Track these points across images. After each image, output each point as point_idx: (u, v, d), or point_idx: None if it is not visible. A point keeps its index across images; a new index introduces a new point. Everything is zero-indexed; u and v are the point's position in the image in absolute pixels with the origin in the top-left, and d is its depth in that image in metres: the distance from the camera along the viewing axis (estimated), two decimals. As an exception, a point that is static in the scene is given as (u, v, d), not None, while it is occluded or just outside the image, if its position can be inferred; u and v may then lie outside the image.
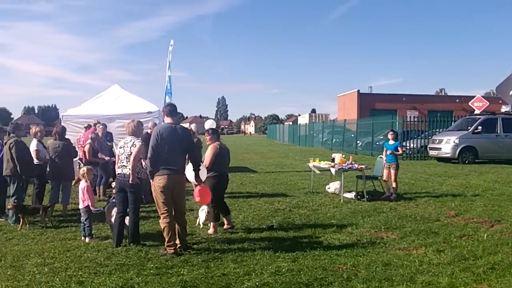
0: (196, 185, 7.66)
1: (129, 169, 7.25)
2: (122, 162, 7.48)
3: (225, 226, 8.60)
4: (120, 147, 7.65)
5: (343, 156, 13.14)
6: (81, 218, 8.03)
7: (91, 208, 7.99)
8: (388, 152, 12.14)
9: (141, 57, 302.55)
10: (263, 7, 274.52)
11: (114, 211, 7.82)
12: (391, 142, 12.39)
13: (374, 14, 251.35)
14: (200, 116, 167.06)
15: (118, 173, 7.57)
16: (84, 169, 8.26)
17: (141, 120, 15.96)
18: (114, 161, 13.90)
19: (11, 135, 9.65)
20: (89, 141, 12.18)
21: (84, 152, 12.15)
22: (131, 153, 7.30)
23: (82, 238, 7.96)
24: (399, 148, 12.36)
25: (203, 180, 7.60)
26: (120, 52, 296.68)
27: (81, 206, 8.04)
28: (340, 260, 6.63)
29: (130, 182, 7.23)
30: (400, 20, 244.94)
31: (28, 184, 9.98)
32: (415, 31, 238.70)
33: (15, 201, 9.19)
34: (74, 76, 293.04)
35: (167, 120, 7.23)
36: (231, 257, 6.75)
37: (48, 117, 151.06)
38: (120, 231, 7.51)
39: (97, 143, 12.43)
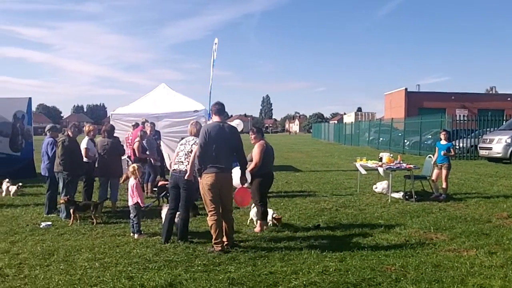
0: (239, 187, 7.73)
1: (186, 165, 7.37)
2: (180, 159, 7.62)
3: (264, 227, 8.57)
4: (181, 144, 7.83)
5: (391, 155, 12.93)
6: (130, 215, 8.19)
7: (140, 204, 8.14)
8: (442, 153, 11.84)
9: (187, 56, 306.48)
10: (309, 4, 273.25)
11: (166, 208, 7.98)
12: (443, 142, 12.10)
13: (421, 11, 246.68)
14: (245, 114, 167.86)
15: (174, 169, 7.71)
16: (134, 166, 8.42)
17: (187, 119, 16.34)
18: (160, 160, 14.25)
19: (66, 133, 9.92)
20: (138, 138, 12.41)
21: (133, 149, 12.39)
22: (191, 150, 7.43)
23: (131, 234, 8.12)
24: (451, 149, 12.06)
25: (249, 180, 7.62)
26: (167, 51, 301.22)
27: (130, 203, 8.20)
28: (388, 261, 6.53)
29: (186, 177, 7.33)
30: (448, 17, 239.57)
31: (78, 181, 10.24)
32: (463, 28, 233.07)
33: (68, 197, 9.46)
34: (122, 75, 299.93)
35: (215, 118, 7.29)
36: (278, 256, 6.75)
37: (96, 115, 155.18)
38: (169, 228, 7.63)
39: (146, 141, 12.64)
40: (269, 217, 8.59)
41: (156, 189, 11.49)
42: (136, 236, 8.01)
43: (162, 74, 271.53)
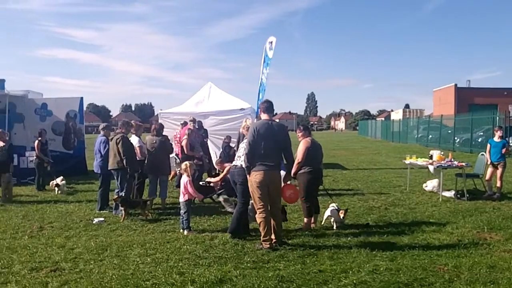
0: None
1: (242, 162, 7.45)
2: (238, 154, 7.76)
3: (312, 225, 8.54)
4: (243, 142, 7.92)
5: (442, 153, 12.63)
6: (181, 211, 8.31)
7: (196, 197, 8.22)
8: (503, 151, 11.46)
9: (232, 55, 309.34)
10: (354, 0, 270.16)
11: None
12: (497, 139, 11.73)
13: (471, 4, 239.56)
14: (290, 112, 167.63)
15: (233, 165, 7.89)
16: (186, 163, 8.54)
17: (234, 116, 16.45)
18: (208, 157, 14.40)
19: (117, 131, 10.15)
20: (186, 136, 12.57)
21: (181, 147, 12.55)
22: None
23: (181, 230, 8.24)
24: (506, 147, 11.66)
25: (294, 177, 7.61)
26: (212, 50, 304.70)
27: (181, 199, 8.33)
28: (440, 261, 6.39)
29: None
30: (499, 10, 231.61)
31: (133, 177, 10.48)
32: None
33: (119, 193, 9.70)
34: (168, 74, 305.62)
35: (264, 116, 7.31)
36: (327, 254, 6.71)
37: (144, 114, 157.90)
38: (239, 222, 7.75)
39: (193, 139, 12.78)
40: (326, 214, 8.54)
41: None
42: (185, 232, 8.12)
43: (207, 72, 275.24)
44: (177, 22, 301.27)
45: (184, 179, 8.34)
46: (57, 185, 13.11)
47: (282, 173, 7.82)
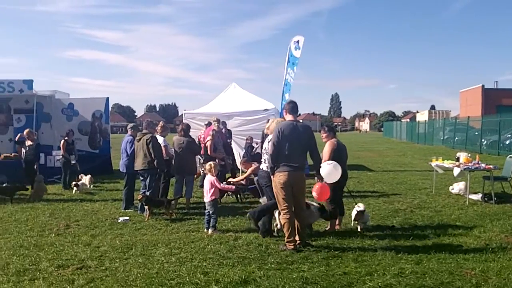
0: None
1: (267, 164, 7.44)
2: (263, 158, 7.77)
3: (336, 226, 8.47)
4: (265, 143, 7.92)
5: (469, 155, 12.42)
6: (206, 211, 8.34)
7: (230, 188, 8.26)
8: None
9: (255, 55, 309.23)
10: (379, 0, 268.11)
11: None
12: None
13: (499, 4, 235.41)
14: (313, 113, 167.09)
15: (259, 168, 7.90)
16: (211, 163, 8.57)
17: (258, 117, 16.46)
18: (231, 158, 14.42)
19: (144, 131, 10.22)
20: (210, 137, 12.63)
21: (205, 147, 12.60)
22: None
23: (205, 230, 8.27)
24: None
25: (324, 178, 7.53)
26: (236, 51, 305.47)
27: (207, 199, 8.36)
28: (467, 265, 6.27)
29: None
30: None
31: (160, 177, 10.57)
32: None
33: (143, 193, 9.78)
34: (192, 75, 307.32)
35: (288, 117, 7.29)
36: (351, 256, 6.65)
37: (168, 114, 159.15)
38: (265, 223, 7.77)
39: (216, 140, 12.81)
40: (353, 215, 8.48)
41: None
42: (210, 231, 8.15)
43: (231, 73, 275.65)
44: (201, 23, 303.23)
45: (210, 178, 8.37)
46: (76, 184, 13.31)
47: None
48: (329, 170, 7.56)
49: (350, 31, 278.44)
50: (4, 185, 12.05)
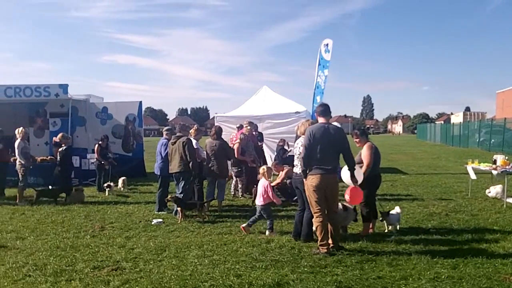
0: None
1: (300, 168, 7.41)
2: (295, 161, 7.71)
3: (369, 230, 8.37)
4: (294, 147, 7.92)
5: (506, 157, 12.12)
6: (256, 215, 8.38)
7: (275, 202, 8.26)
8: None
9: (286, 58, 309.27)
10: (410, 1, 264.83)
11: None
12: None
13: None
14: (345, 115, 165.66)
15: (293, 172, 7.87)
16: (264, 168, 8.59)
17: (289, 120, 16.43)
18: (262, 161, 14.42)
19: (178, 134, 10.30)
20: (238, 140, 12.68)
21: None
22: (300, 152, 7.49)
23: (243, 226, 8.36)
24: None
25: (359, 181, 7.44)
26: (266, 54, 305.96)
27: (259, 202, 8.42)
28: (506, 270, 6.12)
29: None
30: None
31: (194, 180, 10.65)
32: None
33: (175, 195, 9.86)
34: (223, 78, 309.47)
35: (320, 120, 7.25)
36: (385, 260, 6.56)
37: (199, 117, 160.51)
38: (297, 226, 7.74)
39: (245, 144, 12.83)
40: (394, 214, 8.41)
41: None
42: (267, 233, 8.22)
43: (261, 76, 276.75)
44: (231, 26, 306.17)
45: (264, 182, 8.40)
46: (108, 185, 13.53)
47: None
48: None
49: (381, 33, 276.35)
50: (49, 187, 12.36)
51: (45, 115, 18.11)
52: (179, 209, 9.61)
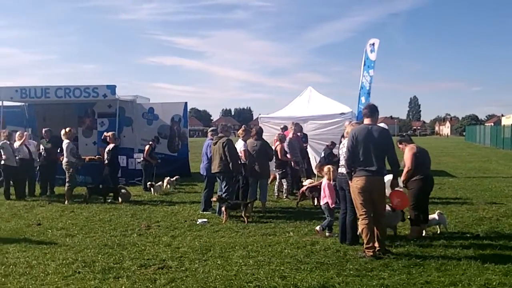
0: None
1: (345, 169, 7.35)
2: (341, 162, 7.65)
3: (418, 234, 8.17)
4: (340, 148, 7.87)
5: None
6: (329, 217, 8.30)
7: (330, 205, 8.22)
8: None
9: (331, 59, 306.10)
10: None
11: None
12: None
13: None
14: (391, 117, 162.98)
15: (338, 172, 7.83)
16: (329, 167, 8.55)
17: (334, 120, 16.27)
18: (306, 162, 14.36)
19: (220, 134, 10.38)
20: (278, 142, 12.66)
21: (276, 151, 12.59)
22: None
23: (326, 234, 8.24)
24: None
25: (400, 185, 7.30)
26: (310, 54, 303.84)
27: (322, 202, 8.41)
28: (561, 278, 5.88)
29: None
30: None
31: (237, 181, 10.70)
32: None
33: (219, 195, 9.92)
34: (267, 79, 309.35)
35: (366, 121, 7.15)
36: (434, 265, 6.40)
37: (243, 118, 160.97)
38: (343, 229, 7.66)
39: (288, 144, 12.76)
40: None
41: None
42: (327, 233, 8.18)
43: (306, 77, 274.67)
44: (276, 27, 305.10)
45: (324, 182, 8.39)
46: (151, 185, 13.74)
47: (387, 177, 7.56)
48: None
49: (429, 32, 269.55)
50: (100, 186, 12.69)
51: (93, 115, 18.53)
52: (223, 209, 9.67)
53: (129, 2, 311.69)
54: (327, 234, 8.14)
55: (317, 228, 8.19)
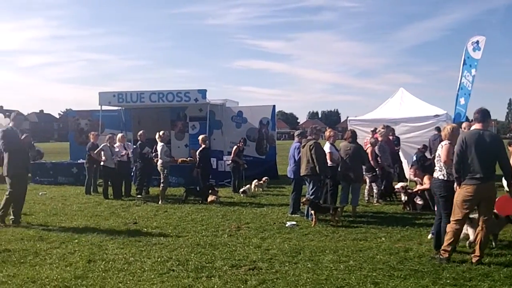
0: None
1: (441, 173, 7.12)
2: (436, 165, 7.42)
3: None
4: (435, 151, 7.62)
5: None
6: None
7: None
8: None
9: (423, 59, 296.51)
10: None
11: None
12: None
13: None
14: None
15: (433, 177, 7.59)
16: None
17: (427, 123, 15.69)
18: (398, 166, 13.94)
19: (308, 137, 10.33)
20: (369, 145, 12.40)
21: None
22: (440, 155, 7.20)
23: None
24: None
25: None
26: (400, 55, 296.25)
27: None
28: None
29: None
30: None
31: (325, 184, 10.60)
32: None
33: (309, 198, 9.85)
34: (354, 81, 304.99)
35: (477, 126, 6.79)
36: (541, 277, 5.97)
37: (330, 121, 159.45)
38: (438, 236, 7.35)
39: (378, 147, 12.46)
40: None
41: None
42: (428, 236, 8.02)
43: (396, 78, 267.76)
44: (365, 28, 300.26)
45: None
46: (243, 191, 13.85)
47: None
48: None
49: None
50: (197, 188, 13.03)
51: (185, 119, 19.12)
52: (312, 212, 9.59)
53: (217, 8, 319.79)
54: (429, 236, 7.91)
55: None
